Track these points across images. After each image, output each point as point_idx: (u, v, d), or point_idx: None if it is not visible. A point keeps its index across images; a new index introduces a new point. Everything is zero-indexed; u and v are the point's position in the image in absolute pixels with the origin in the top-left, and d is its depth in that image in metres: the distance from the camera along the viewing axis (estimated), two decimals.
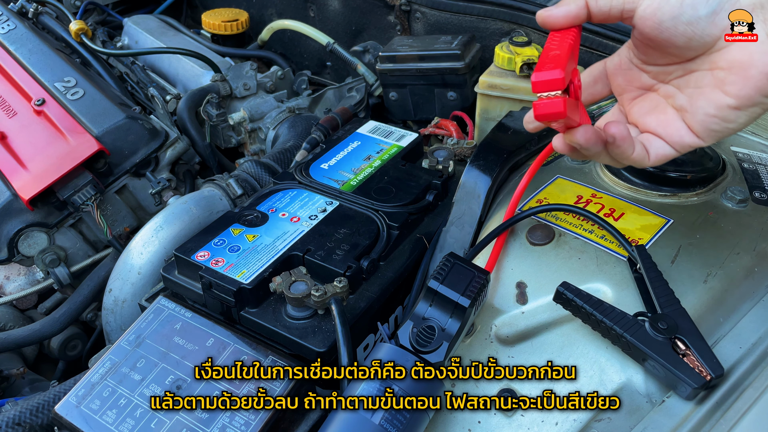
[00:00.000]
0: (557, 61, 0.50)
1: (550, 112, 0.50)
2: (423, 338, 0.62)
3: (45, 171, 1.07)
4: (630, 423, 0.60)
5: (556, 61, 0.50)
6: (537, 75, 0.50)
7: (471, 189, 0.82)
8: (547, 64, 0.50)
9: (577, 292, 0.63)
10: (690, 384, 0.57)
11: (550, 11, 0.57)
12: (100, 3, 1.72)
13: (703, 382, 0.57)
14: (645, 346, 0.59)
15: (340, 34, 1.51)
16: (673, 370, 0.58)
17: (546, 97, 0.50)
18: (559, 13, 0.56)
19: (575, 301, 0.62)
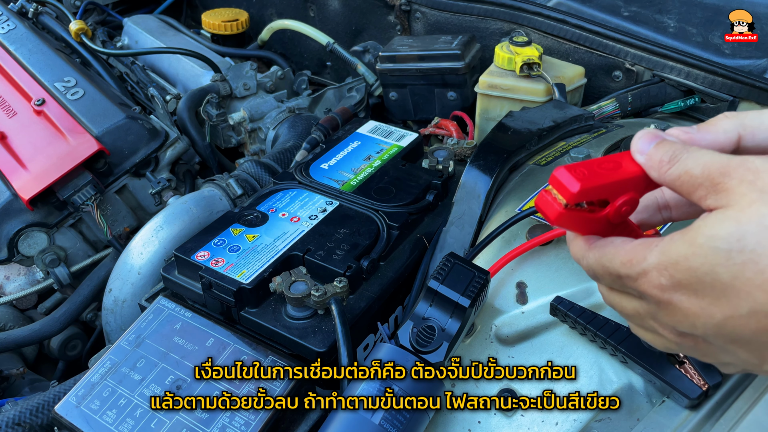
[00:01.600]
0: (594, 176, 0.43)
1: (542, 210, 0.46)
2: (423, 338, 0.62)
3: (45, 171, 1.07)
4: (630, 423, 0.60)
5: (593, 175, 0.43)
6: (560, 171, 0.44)
7: (471, 189, 0.82)
8: (582, 169, 0.44)
9: (571, 306, 0.63)
10: (687, 396, 0.57)
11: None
12: (100, 3, 1.72)
13: (699, 392, 0.57)
14: (641, 359, 0.59)
15: (340, 34, 1.51)
16: (670, 383, 0.58)
17: (552, 194, 0.45)
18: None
19: (570, 315, 0.62)
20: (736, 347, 0.40)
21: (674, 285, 0.39)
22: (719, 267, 0.37)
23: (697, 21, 1.11)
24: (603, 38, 1.10)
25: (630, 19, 1.15)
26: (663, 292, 0.40)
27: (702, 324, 0.39)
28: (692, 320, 0.40)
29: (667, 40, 1.09)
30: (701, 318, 0.39)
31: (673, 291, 0.39)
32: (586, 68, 1.11)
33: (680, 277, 0.39)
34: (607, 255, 0.44)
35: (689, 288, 0.39)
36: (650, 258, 0.40)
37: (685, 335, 0.42)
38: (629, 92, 1.04)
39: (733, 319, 0.38)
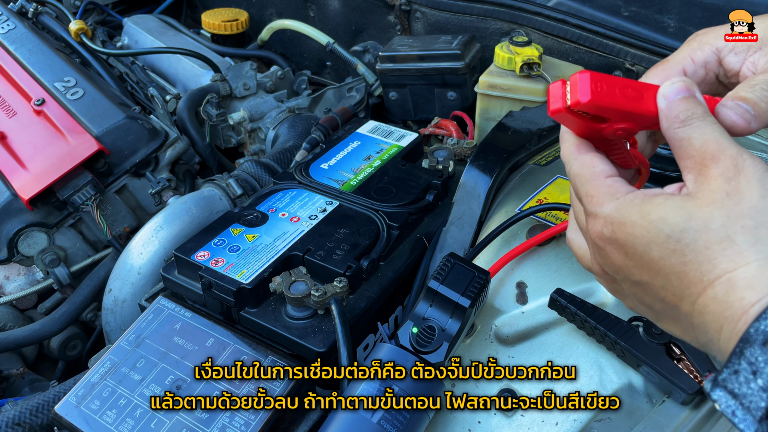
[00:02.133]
0: (610, 97, 0.44)
1: (549, 97, 0.46)
2: (423, 338, 0.62)
3: (45, 171, 1.07)
4: (630, 423, 0.60)
5: (609, 95, 0.44)
6: (584, 75, 0.44)
7: (471, 189, 0.82)
8: (603, 84, 0.44)
9: (571, 299, 0.63)
10: (684, 391, 0.57)
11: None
12: (99, 3, 1.72)
13: (698, 387, 0.57)
14: (639, 353, 0.59)
15: (340, 34, 1.51)
16: (667, 376, 0.58)
17: (565, 89, 0.45)
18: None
19: (569, 308, 0.62)
20: (639, 302, 0.47)
21: (612, 239, 0.44)
22: (654, 245, 0.42)
23: (697, 21, 1.11)
24: (603, 38, 1.10)
25: (630, 19, 1.15)
26: (600, 239, 0.45)
27: (622, 275, 0.46)
28: (616, 269, 0.46)
29: (667, 40, 1.09)
30: (623, 271, 0.45)
31: (609, 242, 0.45)
32: (586, 68, 1.10)
33: (620, 236, 0.44)
34: (583, 176, 0.47)
35: (622, 247, 0.44)
36: (606, 207, 0.45)
37: (606, 273, 0.48)
38: None
39: (646, 285, 0.44)
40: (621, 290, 0.48)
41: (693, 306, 0.41)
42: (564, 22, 1.13)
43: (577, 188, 0.48)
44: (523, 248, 0.71)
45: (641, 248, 0.42)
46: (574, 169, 0.49)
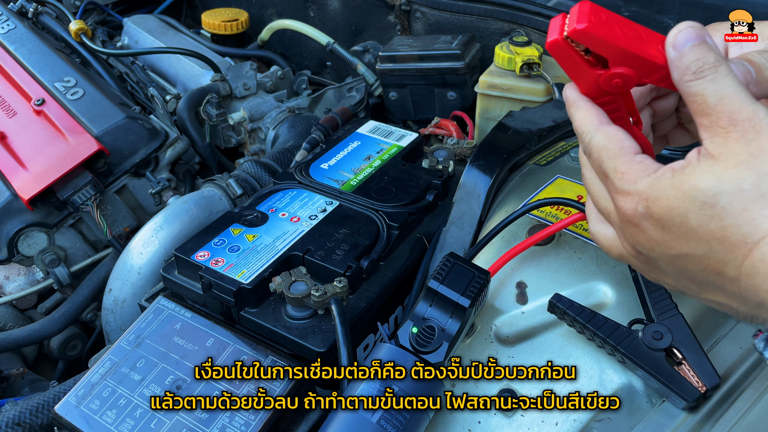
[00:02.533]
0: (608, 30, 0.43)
1: (549, 29, 0.45)
2: (423, 338, 0.62)
3: (45, 171, 1.07)
4: (630, 423, 0.60)
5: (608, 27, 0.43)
6: (584, 5, 0.43)
7: (471, 189, 0.82)
8: (603, 16, 0.43)
9: (570, 304, 0.62)
10: (684, 399, 0.57)
11: None
12: (99, 3, 1.72)
13: (697, 395, 0.57)
14: (639, 360, 0.59)
15: (340, 34, 1.51)
16: (667, 384, 0.58)
17: (565, 20, 0.45)
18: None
19: (569, 313, 0.62)
20: (680, 276, 0.46)
21: (647, 215, 0.44)
22: (691, 213, 0.41)
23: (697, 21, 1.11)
24: None
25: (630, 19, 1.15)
26: (634, 216, 0.45)
27: (660, 251, 0.45)
28: (652, 245, 0.45)
29: None
30: (661, 246, 0.44)
31: (644, 218, 0.44)
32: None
33: (655, 210, 0.43)
34: (611, 150, 0.46)
35: (659, 221, 0.43)
36: (640, 184, 0.44)
37: (641, 254, 0.47)
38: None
39: (687, 257, 0.43)
40: (659, 268, 0.47)
41: (740, 270, 0.40)
42: None
43: (603, 163, 0.47)
44: (523, 247, 0.71)
45: (678, 219, 0.42)
46: (597, 141, 0.47)
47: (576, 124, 0.50)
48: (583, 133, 0.49)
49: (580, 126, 0.49)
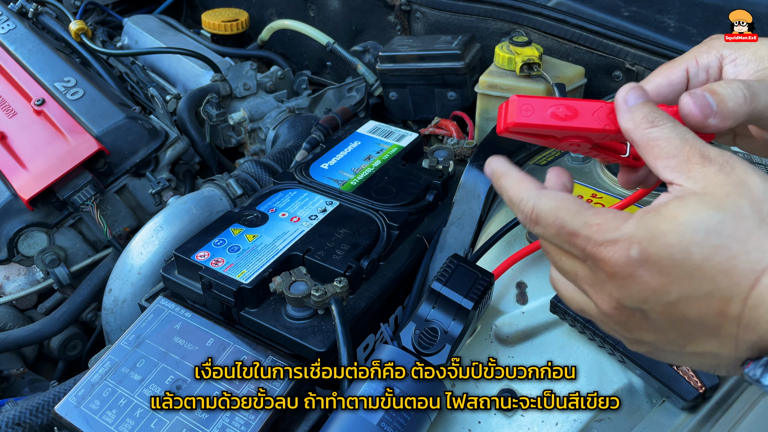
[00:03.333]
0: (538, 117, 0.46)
1: (498, 117, 0.48)
2: (425, 340, 0.62)
3: (45, 171, 1.07)
4: (630, 423, 0.60)
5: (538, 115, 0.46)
6: (513, 100, 0.47)
7: (471, 189, 0.82)
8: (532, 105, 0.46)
9: None
10: (683, 398, 0.57)
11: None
12: (99, 3, 1.72)
13: (696, 394, 0.57)
14: (638, 359, 0.59)
15: (340, 34, 1.51)
16: (666, 384, 0.58)
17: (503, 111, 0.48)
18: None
19: (570, 313, 0.62)
20: (670, 328, 0.41)
21: (643, 260, 0.39)
22: (695, 247, 0.38)
23: (697, 21, 1.11)
24: (603, 38, 1.10)
25: (630, 19, 1.15)
26: (627, 265, 0.40)
27: (654, 301, 0.40)
28: (646, 296, 0.40)
29: (667, 40, 1.09)
30: (657, 294, 0.40)
31: (638, 265, 0.39)
32: (586, 68, 1.11)
33: (653, 252, 0.39)
34: (569, 208, 0.42)
35: (658, 264, 0.39)
36: (624, 228, 0.40)
37: (624, 309, 0.42)
38: None
39: (687, 300, 0.39)
40: (644, 324, 0.42)
41: (744, 303, 0.38)
42: (564, 22, 1.13)
43: (566, 223, 0.42)
44: (529, 251, 0.71)
45: (680, 256, 0.38)
46: (546, 204, 0.43)
47: (510, 194, 0.45)
48: (522, 201, 0.44)
49: (515, 194, 0.45)
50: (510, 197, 0.45)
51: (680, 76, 0.51)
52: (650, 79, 0.52)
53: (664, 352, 0.44)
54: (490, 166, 0.48)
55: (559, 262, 0.45)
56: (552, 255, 0.46)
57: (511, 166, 0.47)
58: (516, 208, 0.45)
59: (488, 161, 0.48)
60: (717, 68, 0.51)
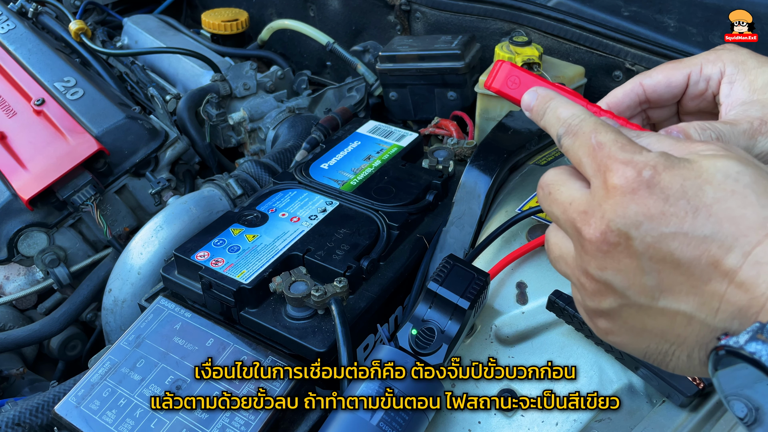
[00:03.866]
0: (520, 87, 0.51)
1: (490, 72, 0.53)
2: (423, 340, 0.62)
3: (45, 171, 1.07)
4: (630, 423, 0.60)
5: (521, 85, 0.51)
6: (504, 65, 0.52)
7: (471, 189, 0.81)
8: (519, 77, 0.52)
9: (569, 301, 0.62)
10: (682, 393, 0.57)
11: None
12: (99, 3, 1.72)
13: (696, 390, 0.57)
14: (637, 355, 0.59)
15: (340, 34, 1.51)
16: (665, 379, 0.58)
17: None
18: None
19: (567, 310, 0.62)
20: (651, 268, 0.38)
21: (652, 182, 0.38)
22: (708, 186, 0.37)
23: (697, 21, 1.11)
24: (603, 38, 1.10)
25: (630, 19, 1.15)
26: (634, 181, 0.38)
27: (647, 227, 0.37)
28: (640, 219, 0.38)
29: (667, 40, 1.09)
30: (653, 220, 0.37)
31: (645, 186, 0.38)
32: (586, 68, 1.11)
33: (665, 178, 0.37)
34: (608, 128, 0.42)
35: (664, 190, 0.37)
36: (647, 154, 0.39)
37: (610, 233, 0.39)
38: None
39: (682, 237, 0.37)
40: (619, 263, 0.39)
41: (745, 257, 0.35)
42: (564, 22, 1.13)
43: (599, 134, 0.41)
44: (525, 250, 0.71)
45: (692, 191, 0.37)
46: (593, 118, 0.43)
47: (561, 109, 0.46)
48: (574, 115, 0.45)
49: (568, 109, 0.45)
50: (559, 113, 0.45)
51: (680, 80, 0.52)
52: (652, 74, 0.53)
53: (629, 310, 0.40)
54: (536, 92, 0.49)
55: (559, 188, 0.44)
56: (555, 183, 0.44)
57: (556, 93, 0.48)
58: (562, 122, 0.45)
59: (532, 90, 0.49)
60: (717, 82, 0.51)
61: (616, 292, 0.40)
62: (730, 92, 0.50)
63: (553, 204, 0.44)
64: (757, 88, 0.49)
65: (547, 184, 0.45)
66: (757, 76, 0.49)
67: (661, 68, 0.53)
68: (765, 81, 0.49)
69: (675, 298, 0.38)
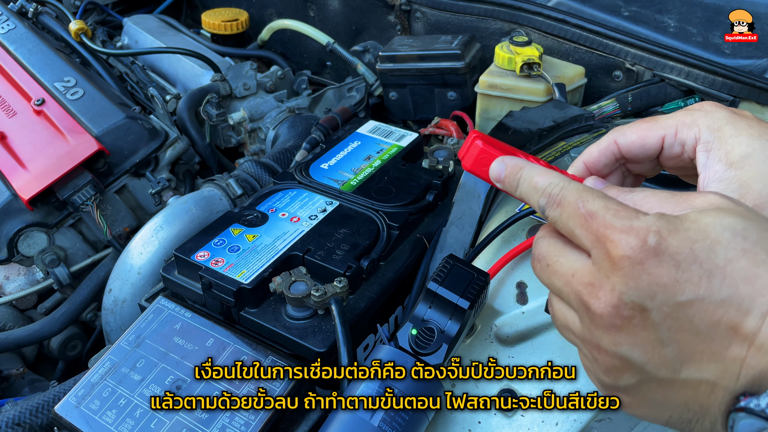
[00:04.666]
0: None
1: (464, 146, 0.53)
2: (422, 340, 0.62)
3: (45, 171, 1.07)
4: (630, 423, 0.60)
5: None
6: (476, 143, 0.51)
7: (471, 189, 0.81)
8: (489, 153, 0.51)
9: None
10: None
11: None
12: (99, 3, 1.72)
13: None
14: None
15: (340, 34, 1.51)
16: None
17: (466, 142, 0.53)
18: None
19: None
20: (671, 339, 0.37)
21: (660, 248, 0.36)
22: (719, 246, 0.36)
23: (698, 21, 1.11)
24: (603, 38, 1.10)
25: (630, 19, 1.15)
26: (641, 251, 0.36)
27: (663, 297, 0.36)
28: (654, 290, 0.36)
29: (667, 40, 1.09)
30: (668, 290, 0.36)
31: (654, 254, 0.36)
32: (586, 68, 1.11)
33: (672, 243, 0.36)
34: (593, 194, 0.41)
35: (674, 257, 0.36)
36: (645, 218, 0.37)
37: (623, 307, 0.37)
38: (629, 92, 1.04)
39: (700, 303, 0.36)
40: (636, 338, 0.38)
41: (763, 318, 0.34)
42: (564, 22, 1.13)
43: (587, 203, 0.40)
44: (522, 248, 0.71)
45: (703, 253, 0.35)
46: (574, 186, 0.42)
47: (537, 179, 0.44)
48: (551, 184, 0.43)
49: (544, 179, 0.44)
50: (535, 183, 0.44)
51: (654, 143, 0.50)
52: (626, 132, 0.51)
53: (649, 384, 0.39)
54: (503, 162, 0.48)
55: (558, 260, 0.42)
56: (551, 254, 0.43)
57: (526, 161, 0.47)
58: (541, 192, 0.44)
59: (499, 160, 0.48)
60: (692, 148, 0.49)
61: (634, 367, 0.38)
62: (707, 162, 0.47)
63: (553, 276, 0.43)
64: (734, 161, 0.46)
65: (543, 256, 0.44)
66: (733, 147, 0.46)
67: (636, 127, 0.50)
68: (742, 153, 0.46)
69: (697, 367, 0.37)
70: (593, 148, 0.53)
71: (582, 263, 0.40)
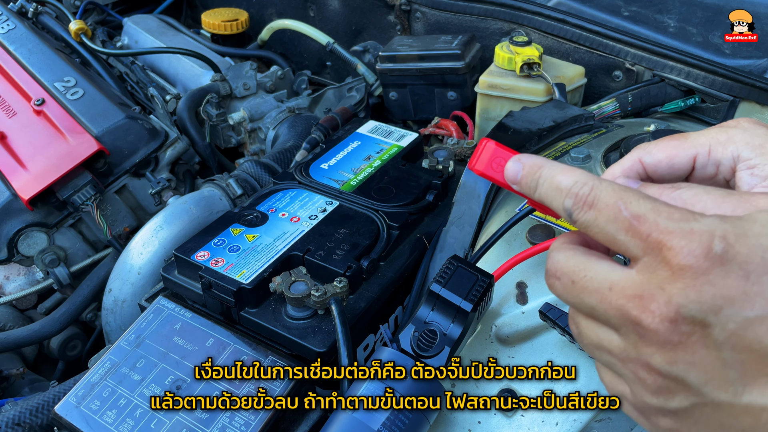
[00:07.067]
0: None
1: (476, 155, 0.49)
2: (424, 342, 0.62)
3: (45, 171, 1.07)
4: (630, 423, 0.60)
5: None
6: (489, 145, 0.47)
7: (471, 189, 0.81)
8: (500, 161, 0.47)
9: (560, 315, 0.61)
10: None
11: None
12: (99, 3, 1.72)
13: None
14: None
15: (340, 34, 1.51)
16: None
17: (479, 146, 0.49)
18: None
19: (558, 325, 0.62)
20: (735, 359, 0.33)
21: (728, 257, 0.32)
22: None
23: (697, 21, 1.11)
24: (603, 38, 1.10)
25: (630, 19, 1.15)
26: (706, 258, 0.32)
27: (729, 312, 0.32)
28: (720, 303, 0.32)
29: (667, 40, 1.09)
30: (735, 304, 0.32)
31: (720, 263, 0.32)
32: (586, 68, 1.11)
33: (742, 250, 0.32)
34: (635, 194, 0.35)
35: (744, 266, 0.32)
36: (706, 220, 0.33)
37: (682, 322, 0.33)
38: (629, 92, 1.04)
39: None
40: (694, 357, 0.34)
41: None
42: (564, 22, 1.13)
43: (628, 205, 0.35)
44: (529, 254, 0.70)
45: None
46: (608, 186, 0.37)
47: (559, 179, 0.39)
48: (577, 183, 0.38)
49: (567, 178, 0.39)
50: (558, 182, 0.39)
51: (685, 162, 0.44)
52: (653, 151, 0.45)
53: (704, 409, 0.35)
54: (520, 162, 0.43)
55: (585, 274, 0.37)
56: (576, 269, 0.38)
57: (546, 159, 0.42)
58: (566, 193, 0.38)
59: (515, 159, 0.44)
60: (730, 169, 0.43)
61: (690, 388, 0.35)
62: (752, 182, 0.41)
63: (582, 293, 0.38)
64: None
65: (564, 272, 0.39)
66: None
67: (663, 145, 0.45)
68: None
69: (761, 391, 0.33)
70: (615, 168, 0.47)
71: (619, 274, 0.36)
